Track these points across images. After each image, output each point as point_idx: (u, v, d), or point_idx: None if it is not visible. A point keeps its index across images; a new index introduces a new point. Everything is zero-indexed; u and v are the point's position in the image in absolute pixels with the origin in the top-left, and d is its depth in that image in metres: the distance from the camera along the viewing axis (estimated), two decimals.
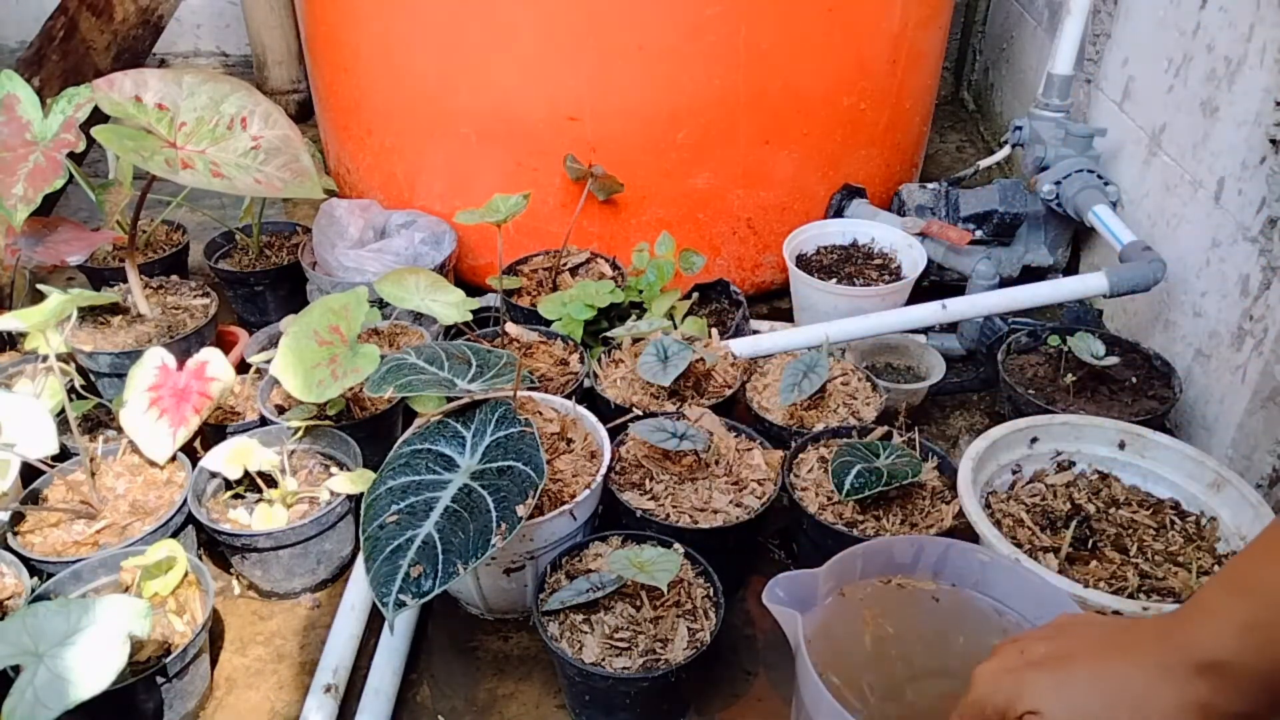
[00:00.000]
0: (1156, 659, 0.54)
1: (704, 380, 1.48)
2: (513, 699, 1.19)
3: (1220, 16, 1.48)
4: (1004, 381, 1.52)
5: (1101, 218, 1.65)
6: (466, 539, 1.01)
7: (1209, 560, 1.17)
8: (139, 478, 1.33)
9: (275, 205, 2.18)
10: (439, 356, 1.20)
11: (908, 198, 1.93)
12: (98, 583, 1.18)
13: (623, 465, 1.32)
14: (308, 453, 1.38)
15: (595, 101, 1.69)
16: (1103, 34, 1.88)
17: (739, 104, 1.71)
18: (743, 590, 1.32)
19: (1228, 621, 0.52)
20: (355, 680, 1.19)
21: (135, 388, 1.33)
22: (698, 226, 1.83)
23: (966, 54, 2.92)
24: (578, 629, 1.09)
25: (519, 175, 1.77)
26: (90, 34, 1.93)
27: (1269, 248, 1.33)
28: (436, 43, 1.70)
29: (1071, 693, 0.56)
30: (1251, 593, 0.52)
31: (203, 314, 1.60)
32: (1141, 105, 1.73)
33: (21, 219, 1.40)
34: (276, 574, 1.28)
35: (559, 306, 1.59)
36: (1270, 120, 1.33)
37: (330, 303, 1.36)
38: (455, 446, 1.13)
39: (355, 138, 1.95)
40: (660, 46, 1.64)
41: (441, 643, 1.26)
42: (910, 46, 1.84)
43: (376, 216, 1.81)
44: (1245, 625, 0.51)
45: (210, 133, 1.35)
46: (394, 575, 0.99)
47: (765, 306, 1.98)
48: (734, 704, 1.18)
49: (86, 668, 0.94)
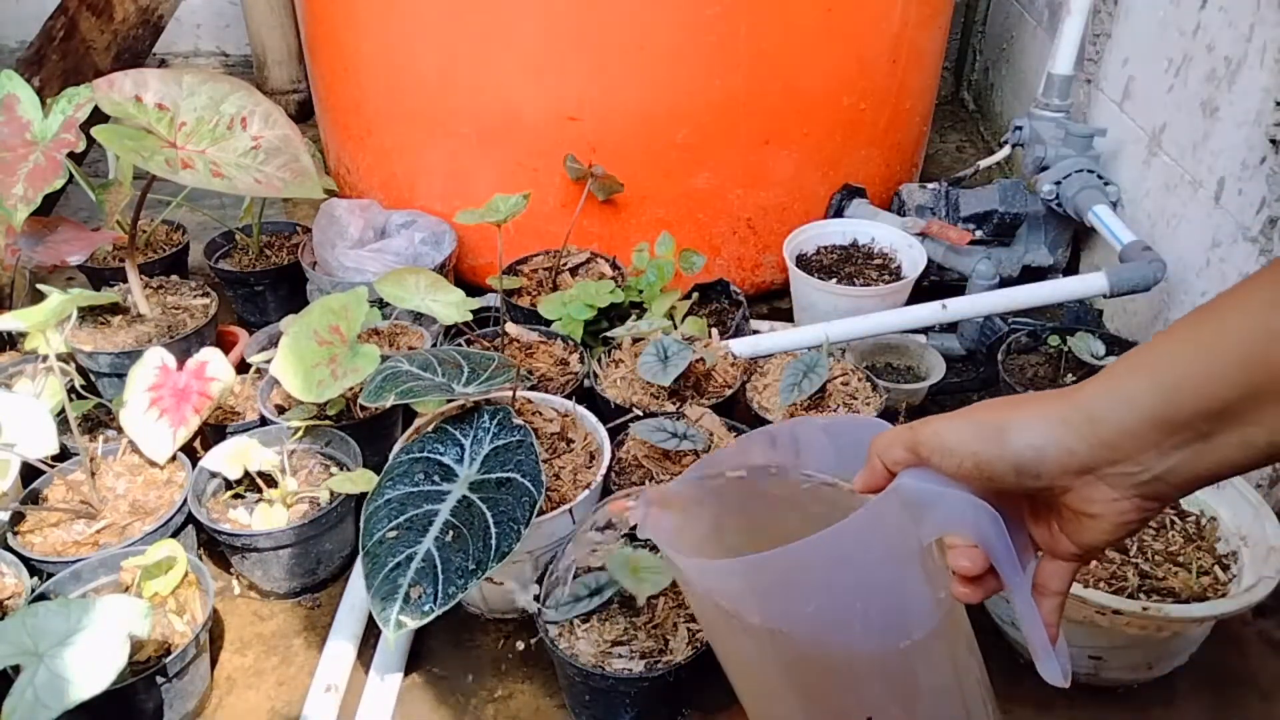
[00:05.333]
0: (1045, 407, 0.53)
1: (704, 380, 1.48)
2: (513, 699, 1.19)
3: (1220, 16, 1.48)
4: (1004, 381, 1.52)
5: (1101, 218, 1.65)
6: (466, 558, 1.01)
7: (1209, 560, 1.17)
8: (139, 478, 1.33)
9: (275, 205, 2.17)
10: (431, 363, 1.20)
11: (908, 198, 1.93)
12: (98, 583, 1.18)
13: (623, 465, 1.32)
14: (308, 453, 1.38)
15: (595, 101, 1.69)
16: (1103, 34, 1.88)
17: (739, 104, 1.71)
18: None
19: (1120, 385, 0.51)
20: (355, 680, 1.20)
21: (135, 388, 1.33)
22: (698, 226, 1.83)
23: (966, 54, 2.92)
24: (578, 629, 1.09)
25: (519, 175, 1.77)
26: (90, 34, 1.93)
27: (1269, 248, 1.33)
28: (436, 43, 1.70)
29: (957, 426, 0.56)
30: (1153, 369, 0.51)
31: (203, 314, 1.60)
32: (1141, 105, 1.73)
33: (21, 219, 1.40)
34: (276, 574, 1.28)
35: (559, 306, 1.59)
36: (1270, 120, 1.33)
37: (330, 303, 1.36)
38: (454, 454, 1.14)
39: (355, 138, 1.95)
40: (660, 46, 1.64)
41: (441, 642, 1.26)
42: (910, 46, 1.84)
43: (376, 216, 1.81)
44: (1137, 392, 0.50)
45: (210, 133, 1.35)
46: (394, 595, 0.99)
47: (765, 306, 1.98)
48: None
49: (86, 667, 0.94)
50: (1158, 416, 0.49)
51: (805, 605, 0.65)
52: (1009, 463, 0.53)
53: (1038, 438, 0.52)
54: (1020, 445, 0.52)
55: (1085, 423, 0.51)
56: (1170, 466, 0.50)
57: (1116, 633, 1.07)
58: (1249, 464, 0.49)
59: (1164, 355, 0.50)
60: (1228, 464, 0.49)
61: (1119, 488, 0.51)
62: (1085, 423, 0.51)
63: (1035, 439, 0.52)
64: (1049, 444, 0.52)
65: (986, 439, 0.54)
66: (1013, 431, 0.53)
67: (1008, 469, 0.53)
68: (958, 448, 0.55)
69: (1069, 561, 0.57)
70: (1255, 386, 0.46)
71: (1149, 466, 0.50)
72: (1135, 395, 0.50)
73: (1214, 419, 0.48)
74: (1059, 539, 0.56)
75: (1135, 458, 0.50)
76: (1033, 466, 0.52)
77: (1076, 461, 0.51)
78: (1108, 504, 0.52)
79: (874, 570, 0.63)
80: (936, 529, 0.59)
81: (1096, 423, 0.51)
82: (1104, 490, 0.52)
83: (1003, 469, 0.53)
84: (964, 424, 0.55)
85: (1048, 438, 0.52)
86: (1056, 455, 0.52)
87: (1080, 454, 0.51)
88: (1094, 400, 0.52)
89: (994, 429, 0.54)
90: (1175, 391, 0.49)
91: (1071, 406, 0.52)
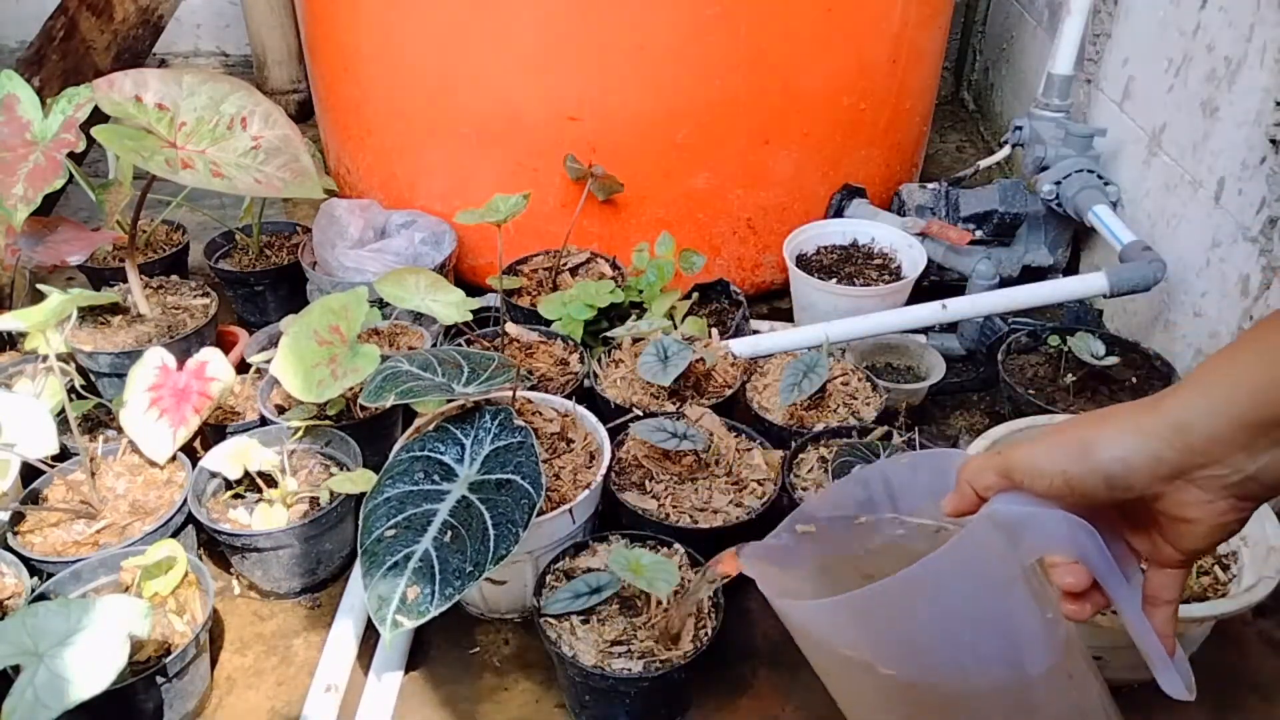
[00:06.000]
0: (1131, 420, 0.55)
1: (704, 380, 1.48)
2: (512, 699, 1.19)
3: (1220, 16, 1.48)
4: (1004, 381, 1.52)
5: (1101, 218, 1.65)
6: (464, 559, 1.01)
7: (1209, 560, 1.17)
8: (139, 478, 1.33)
9: (275, 205, 2.17)
10: (431, 363, 1.20)
11: (908, 198, 1.93)
12: (98, 583, 1.18)
13: (623, 465, 1.32)
14: (308, 453, 1.38)
15: (595, 101, 1.69)
16: (1103, 34, 1.88)
17: (739, 104, 1.71)
18: (743, 590, 1.32)
19: (1204, 393, 0.53)
20: (355, 680, 1.20)
21: (135, 388, 1.33)
22: (698, 226, 1.83)
23: (966, 54, 2.92)
24: (577, 629, 1.09)
25: (519, 175, 1.77)
26: (90, 34, 1.93)
27: (1269, 248, 1.33)
28: (436, 43, 1.70)
29: (1045, 446, 0.57)
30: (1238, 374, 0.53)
31: (203, 314, 1.60)
32: (1141, 105, 1.73)
33: (21, 219, 1.40)
34: (276, 574, 1.28)
35: (559, 306, 1.59)
36: (1270, 120, 1.33)
37: (330, 303, 1.36)
38: (454, 454, 1.14)
39: (355, 138, 1.95)
40: (660, 46, 1.64)
41: (441, 642, 1.26)
42: (910, 46, 1.84)
43: (376, 216, 1.81)
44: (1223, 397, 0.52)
45: (210, 133, 1.35)
46: (391, 594, 0.99)
47: (765, 306, 1.98)
48: (734, 704, 1.18)
49: (86, 667, 0.94)
50: (1246, 419, 0.51)
51: (914, 641, 0.65)
52: (1100, 476, 0.54)
53: (1124, 450, 0.54)
54: (1108, 458, 0.54)
55: (1172, 431, 0.53)
56: (1262, 466, 0.51)
57: (1117, 633, 1.07)
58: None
59: (1248, 359, 0.52)
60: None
61: (1211, 490, 0.53)
62: (1172, 431, 0.53)
63: (1121, 451, 0.54)
64: (1136, 454, 0.53)
65: (1074, 456, 0.55)
66: (1099, 446, 0.54)
67: (1099, 483, 0.54)
68: (1048, 467, 0.56)
69: (1176, 569, 0.58)
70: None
71: (1240, 468, 0.52)
72: (1220, 400, 0.52)
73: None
74: (1161, 547, 0.57)
75: (1225, 460, 0.52)
76: (1122, 478, 0.54)
77: (1166, 468, 0.53)
78: (1203, 507, 0.53)
79: (978, 599, 0.63)
80: (1034, 550, 0.59)
81: (1183, 430, 0.52)
82: (1197, 494, 0.53)
83: (1094, 483, 0.55)
84: (1051, 443, 0.57)
85: (1134, 449, 0.53)
86: (1145, 463, 0.53)
87: (1169, 461, 0.53)
88: (1180, 409, 0.53)
89: (1080, 445, 0.55)
90: (1262, 394, 0.50)
91: (1157, 417, 0.54)
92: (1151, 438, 0.53)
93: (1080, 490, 0.55)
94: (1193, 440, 0.52)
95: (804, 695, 1.17)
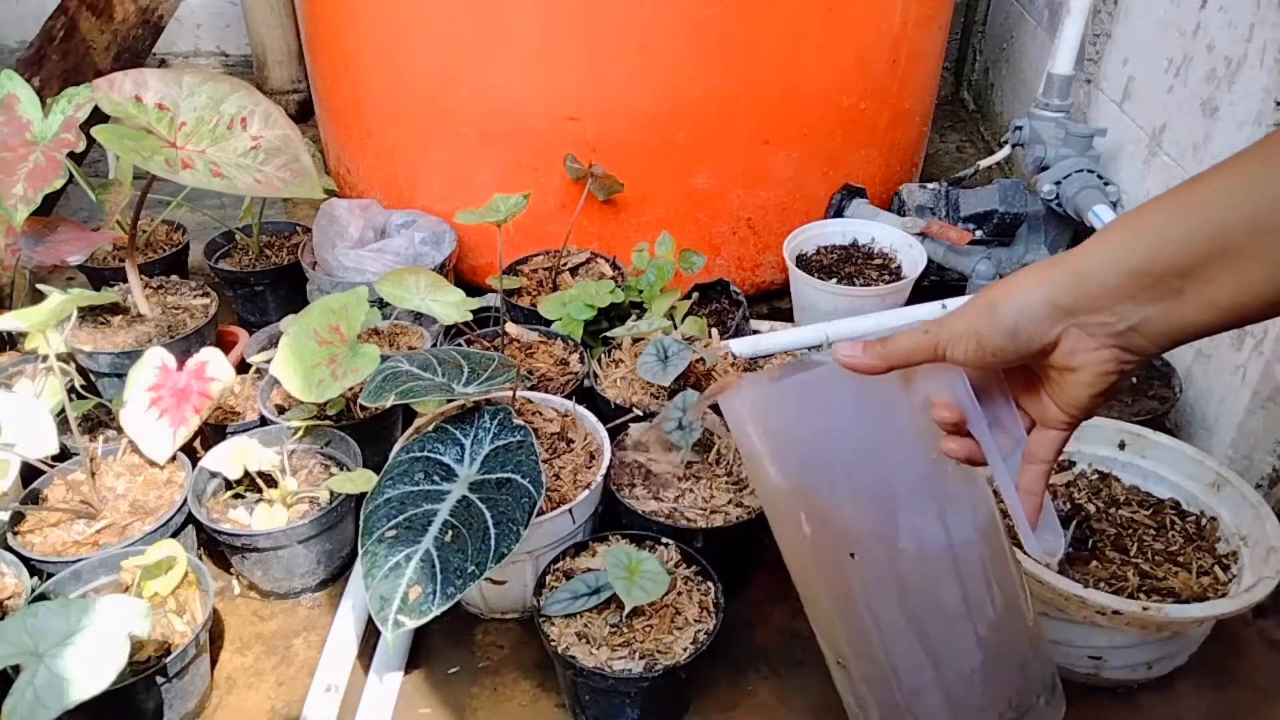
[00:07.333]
0: (1037, 272, 0.59)
1: (704, 380, 1.48)
2: (512, 699, 1.19)
3: (1220, 16, 1.48)
4: None
5: (1102, 218, 1.65)
6: (465, 559, 1.01)
7: (1209, 560, 1.17)
8: (139, 478, 1.33)
9: (275, 205, 2.17)
10: (431, 363, 1.20)
11: (908, 198, 1.93)
12: (98, 583, 1.18)
13: (623, 465, 1.31)
14: (308, 453, 1.38)
15: (595, 101, 1.69)
16: (1103, 34, 1.88)
17: (739, 104, 1.71)
18: (743, 590, 1.32)
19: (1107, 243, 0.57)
20: (355, 680, 1.20)
21: (135, 387, 1.33)
22: (698, 226, 1.83)
23: (966, 54, 2.92)
24: (577, 629, 1.09)
25: (519, 175, 1.77)
26: (90, 34, 1.93)
27: None
28: (436, 43, 1.70)
29: (960, 312, 0.62)
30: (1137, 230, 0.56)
31: (203, 314, 1.60)
32: (1141, 105, 1.73)
33: (21, 219, 1.40)
34: (276, 574, 1.28)
35: (559, 306, 1.59)
36: (1270, 120, 1.33)
37: (330, 303, 1.36)
38: (454, 454, 1.14)
39: (355, 138, 1.95)
40: (660, 46, 1.64)
41: (441, 642, 1.26)
42: (910, 46, 1.84)
43: (376, 216, 1.81)
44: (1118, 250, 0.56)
45: (210, 133, 1.35)
46: (393, 594, 1.00)
47: (765, 306, 1.98)
48: (734, 704, 1.18)
49: (86, 667, 0.94)
50: (1135, 270, 0.55)
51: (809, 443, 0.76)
52: (1004, 330, 0.59)
53: (1025, 300, 0.58)
54: (1012, 311, 0.59)
55: (1069, 278, 0.57)
56: (1144, 318, 0.55)
57: (1116, 633, 1.07)
58: (1215, 325, 0.54)
59: (1156, 216, 0.56)
60: (1196, 323, 0.55)
61: (1098, 336, 0.57)
62: (1069, 278, 0.57)
63: (1022, 303, 0.58)
64: (1034, 302, 0.58)
65: (984, 315, 0.60)
66: (1004, 302, 0.59)
67: (1005, 338, 0.59)
68: (963, 329, 0.61)
69: (1057, 430, 0.63)
70: (1218, 249, 0.52)
71: (1125, 316, 0.56)
72: (1119, 249, 0.56)
73: (1184, 276, 0.53)
74: (1047, 406, 0.63)
75: (1112, 308, 0.56)
76: (1023, 330, 0.58)
77: (1059, 313, 0.57)
78: (1088, 354, 0.58)
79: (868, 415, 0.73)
80: (922, 389, 0.67)
81: (1080, 277, 0.57)
82: (1085, 341, 0.57)
83: (1000, 340, 0.59)
84: (967, 308, 0.62)
85: (1034, 297, 0.58)
86: (1040, 309, 0.58)
87: (1063, 305, 0.57)
88: (1080, 257, 0.57)
89: (989, 304, 0.60)
90: (1153, 249, 0.54)
91: (1060, 267, 0.58)
92: (1049, 285, 0.58)
93: (990, 348, 0.60)
94: (1087, 286, 0.56)
95: (803, 696, 1.17)
